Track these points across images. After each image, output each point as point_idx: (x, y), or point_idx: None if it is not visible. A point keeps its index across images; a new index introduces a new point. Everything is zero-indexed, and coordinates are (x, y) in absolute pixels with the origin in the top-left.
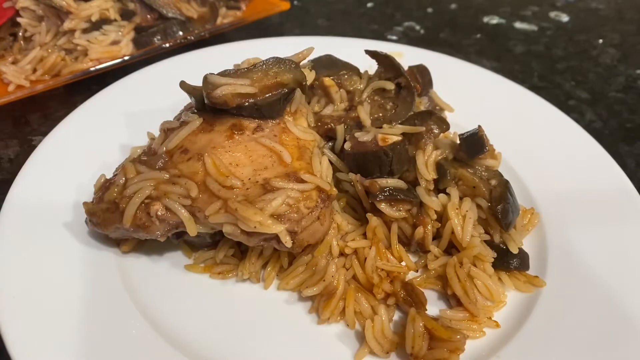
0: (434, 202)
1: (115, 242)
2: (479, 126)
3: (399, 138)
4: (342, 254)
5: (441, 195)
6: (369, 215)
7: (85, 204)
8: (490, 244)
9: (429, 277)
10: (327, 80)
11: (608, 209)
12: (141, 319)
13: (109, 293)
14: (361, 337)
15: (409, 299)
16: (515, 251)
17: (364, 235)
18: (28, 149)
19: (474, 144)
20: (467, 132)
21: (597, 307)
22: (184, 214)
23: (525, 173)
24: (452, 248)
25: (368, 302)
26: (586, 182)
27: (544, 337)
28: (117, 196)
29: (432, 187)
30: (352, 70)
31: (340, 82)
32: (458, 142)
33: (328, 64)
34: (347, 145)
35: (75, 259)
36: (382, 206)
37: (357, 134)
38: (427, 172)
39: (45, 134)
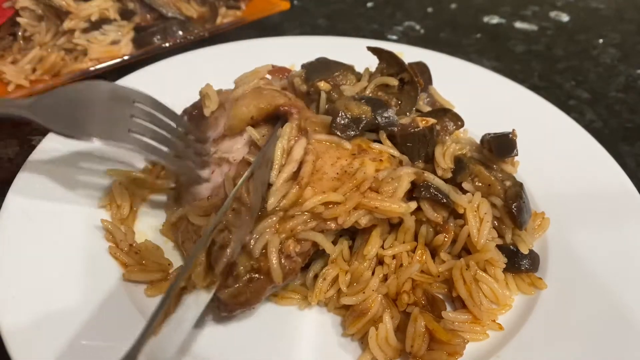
0: (462, 199)
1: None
2: (513, 130)
3: (435, 120)
4: (380, 262)
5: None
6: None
7: (221, 292)
8: (501, 247)
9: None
10: (323, 85)
11: (608, 209)
12: (142, 319)
13: (110, 293)
14: (363, 343)
15: (428, 306)
16: (525, 252)
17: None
18: (28, 149)
19: (505, 145)
20: (497, 133)
21: (597, 307)
22: (319, 236)
23: (525, 173)
24: (462, 250)
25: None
26: (586, 182)
27: (544, 337)
28: (247, 262)
29: (449, 175)
30: (347, 69)
31: (336, 84)
32: (479, 141)
33: (321, 68)
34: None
35: (75, 259)
36: (426, 206)
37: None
38: (443, 161)
39: (45, 134)
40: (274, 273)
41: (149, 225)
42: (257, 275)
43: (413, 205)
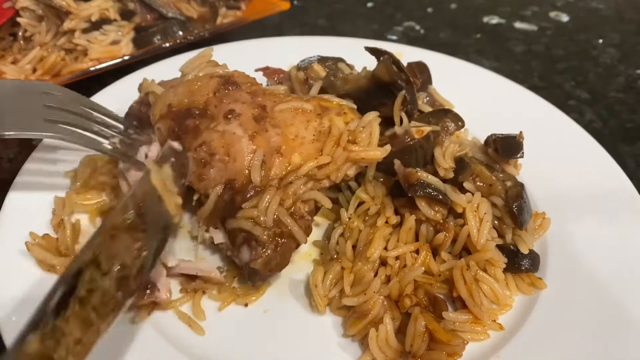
0: (461, 199)
1: None
2: (520, 132)
3: (430, 128)
4: (383, 263)
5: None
6: (406, 215)
7: (254, 263)
8: (501, 247)
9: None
10: (316, 66)
11: (608, 209)
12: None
13: None
14: (363, 344)
15: (430, 307)
16: (525, 252)
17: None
18: (28, 149)
19: (511, 146)
20: (503, 134)
21: (597, 307)
22: (319, 194)
23: (525, 173)
24: (462, 250)
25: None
26: (586, 182)
27: (544, 337)
28: (267, 231)
29: (450, 175)
30: (337, 60)
31: (331, 70)
32: (482, 142)
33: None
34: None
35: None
36: (422, 204)
37: (395, 130)
38: (444, 161)
39: None
40: (297, 235)
41: None
42: (281, 239)
43: (388, 147)
